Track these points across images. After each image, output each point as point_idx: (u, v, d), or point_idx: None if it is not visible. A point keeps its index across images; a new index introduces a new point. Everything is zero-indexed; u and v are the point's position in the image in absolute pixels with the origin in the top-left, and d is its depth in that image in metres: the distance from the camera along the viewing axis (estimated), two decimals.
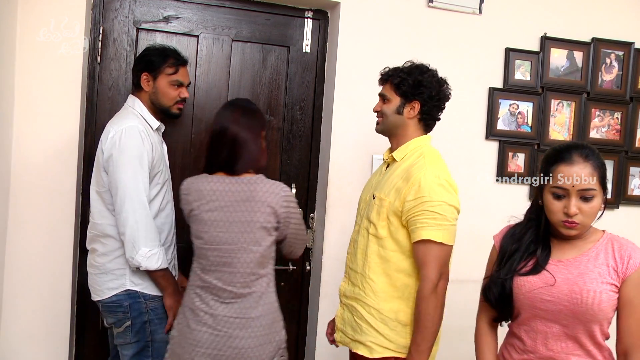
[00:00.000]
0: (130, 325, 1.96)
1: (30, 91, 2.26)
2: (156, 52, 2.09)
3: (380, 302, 1.80)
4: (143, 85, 2.07)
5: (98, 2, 2.39)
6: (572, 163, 1.46)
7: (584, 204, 1.44)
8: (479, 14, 2.68)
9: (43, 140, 2.28)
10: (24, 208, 2.27)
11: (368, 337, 1.81)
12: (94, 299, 2.05)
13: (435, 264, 1.71)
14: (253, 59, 2.58)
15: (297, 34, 2.61)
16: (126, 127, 1.93)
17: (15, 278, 2.28)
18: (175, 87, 2.09)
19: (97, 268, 2.02)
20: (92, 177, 2.05)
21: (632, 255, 1.44)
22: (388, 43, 2.58)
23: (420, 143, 1.88)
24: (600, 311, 1.42)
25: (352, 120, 2.54)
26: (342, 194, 2.53)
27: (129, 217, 1.88)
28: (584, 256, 1.49)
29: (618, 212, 2.90)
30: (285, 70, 2.62)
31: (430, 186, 1.72)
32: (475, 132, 2.71)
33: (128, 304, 1.96)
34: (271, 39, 2.59)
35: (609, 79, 2.86)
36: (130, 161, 1.90)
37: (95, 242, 2.04)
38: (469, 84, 2.69)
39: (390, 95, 1.88)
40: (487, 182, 2.73)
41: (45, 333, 2.33)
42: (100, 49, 2.40)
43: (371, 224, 1.84)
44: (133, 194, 1.89)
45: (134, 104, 2.08)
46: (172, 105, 2.10)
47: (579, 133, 2.83)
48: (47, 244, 2.30)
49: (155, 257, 1.91)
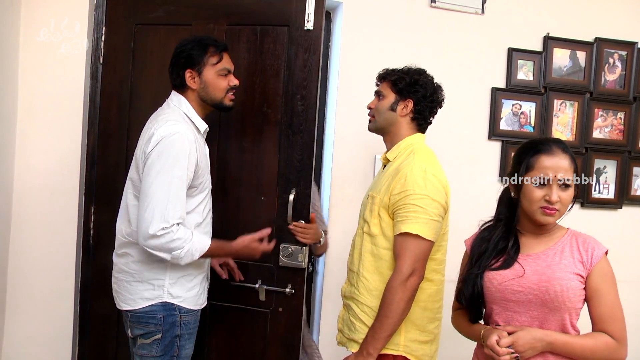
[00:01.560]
0: (160, 338, 1.83)
1: (33, 92, 2.26)
2: (193, 44, 1.90)
3: (374, 300, 1.81)
4: (189, 84, 1.88)
5: (100, 3, 2.39)
6: (553, 154, 1.53)
7: (562, 193, 1.51)
8: (481, 13, 2.67)
9: (46, 140, 2.28)
10: (27, 209, 2.28)
11: (360, 334, 1.82)
12: (122, 307, 1.89)
13: (409, 257, 1.72)
14: (249, 43, 2.26)
15: (297, 10, 2.21)
16: (177, 132, 1.76)
17: (19, 279, 2.29)
18: (224, 76, 1.92)
19: (131, 275, 1.85)
20: (129, 179, 1.89)
21: (595, 248, 1.52)
22: (390, 43, 2.58)
23: (412, 141, 1.90)
24: (569, 298, 1.48)
25: (355, 121, 2.54)
26: (345, 194, 2.53)
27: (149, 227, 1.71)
28: (550, 250, 1.56)
29: (621, 212, 2.89)
30: (284, 53, 2.22)
31: (415, 180, 1.74)
32: (477, 133, 2.71)
33: (162, 316, 1.82)
34: (269, 18, 2.24)
35: (612, 79, 2.85)
36: (171, 171, 1.73)
37: (129, 247, 1.86)
38: (472, 84, 2.69)
39: (385, 92, 1.92)
40: (489, 182, 2.73)
41: (48, 334, 2.33)
42: (102, 49, 2.40)
43: (365, 222, 1.87)
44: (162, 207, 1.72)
45: (180, 103, 1.90)
46: (224, 96, 1.93)
47: (582, 133, 2.82)
48: (50, 244, 2.31)
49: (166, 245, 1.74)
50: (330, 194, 2.54)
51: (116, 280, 1.92)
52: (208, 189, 1.95)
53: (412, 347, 1.80)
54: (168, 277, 1.83)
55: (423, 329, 1.82)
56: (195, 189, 1.86)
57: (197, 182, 1.86)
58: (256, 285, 2.19)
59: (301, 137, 2.20)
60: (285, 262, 2.16)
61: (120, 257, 1.90)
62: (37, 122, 2.27)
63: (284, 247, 2.15)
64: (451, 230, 1.96)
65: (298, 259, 2.15)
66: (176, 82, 1.91)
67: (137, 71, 2.39)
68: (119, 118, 2.41)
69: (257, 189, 2.24)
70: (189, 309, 1.87)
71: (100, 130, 2.41)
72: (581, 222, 1.66)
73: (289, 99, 2.20)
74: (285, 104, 2.21)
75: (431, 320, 1.85)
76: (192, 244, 1.77)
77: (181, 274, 1.84)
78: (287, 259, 2.16)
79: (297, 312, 2.22)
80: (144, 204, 1.73)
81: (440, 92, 1.94)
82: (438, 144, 2.59)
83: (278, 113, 2.22)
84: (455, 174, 2.62)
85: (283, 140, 2.20)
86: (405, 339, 1.79)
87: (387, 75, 1.94)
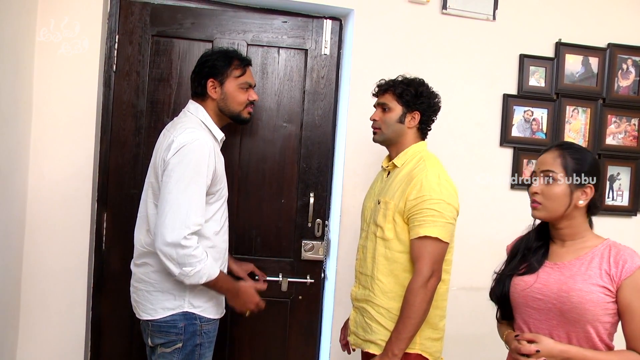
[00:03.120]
0: (180, 347, 1.85)
1: (46, 100, 2.28)
2: (219, 55, 1.96)
3: (389, 302, 1.88)
4: (210, 93, 1.93)
5: (114, 11, 2.42)
6: (548, 151, 1.58)
7: (545, 187, 1.53)
8: (492, 20, 2.67)
9: (59, 148, 2.30)
10: (41, 216, 2.30)
11: (378, 335, 1.89)
12: (142, 317, 1.91)
13: (428, 260, 1.79)
14: (270, 63, 2.53)
15: (315, 36, 2.54)
16: (196, 139, 1.78)
17: (32, 285, 2.30)
18: (245, 90, 1.97)
19: (152, 285, 1.87)
20: (148, 187, 1.92)
21: (627, 260, 1.46)
22: (401, 50, 2.58)
23: (418, 149, 1.98)
24: (587, 311, 1.44)
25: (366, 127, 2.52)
26: (356, 200, 2.52)
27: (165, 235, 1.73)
28: (578, 260, 1.52)
29: (636, 220, 2.86)
30: (303, 73, 2.55)
31: (430, 185, 1.81)
32: (489, 139, 2.70)
33: (183, 325, 1.85)
34: (288, 42, 2.53)
35: (626, 85, 2.83)
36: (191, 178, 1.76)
37: (149, 256, 1.87)
38: (483, 90, 2.68)
39: (392, 105, 1.96)
40: (501, 189, 2.71)
41: (61, 340, 2.34)
42: (115, 57, 2.42)
43: (378, 227, 1.92)
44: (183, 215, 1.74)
45: (197, 111, 1.94)
46: (242, 109, 1.98)
47: (595, 139, 2.80)
48: (63, 251, 2.32)
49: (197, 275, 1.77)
50: (341, 200, 2.54)
51: (135, 290, 1.93)
52: (225, 197, 1.97)
53: (427, 344, 1.88)
54: (189, 287, 1.83)
55: (435, 327, 1.91)
56: (213, 196, 1.88)
57: (215, 189, 1.88)
58: (279, 278, 2.52)
59: (319, 148, 2.59)
60: (306, 256, 2.58)
61: (139, 267, 1.92)
62: (50, 130, 2.29)
63: (305, 243, 2.57)
64: (463, 235, 1.98)
65: (319, 252, 2.59)
66: (197, 90, 1.96)
67: (153, 81, 2.45)
68: (132, 126, 2.45)
69: (277, 192, 2.57)
70: (209, 318, 1.90)
71: (112, 138, 2.44)
72: (595, 229, 1.63)
73: (308, 115, 2.56)
74: (304, 119, 2.56)
75: (441, 318, 1.94)
76: (204, 266, 1.78)
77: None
78: (308, 252, 2.58)
79: (316, 299, 2.61)
80: (164, 210, 1.74)
81: (438, 99, 2.02)
82: (449, 151, 2.59)
83: (297, 127, 2.55)
84: (467, 180, 2.62)
85: (302, 150, 2.56)
86: (421, 337, 1.87)
87: (390, 87, 1.99)
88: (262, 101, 2.52)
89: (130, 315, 2.09)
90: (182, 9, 2.46)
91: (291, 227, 2.59)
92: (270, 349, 2.60)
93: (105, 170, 2.44)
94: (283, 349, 2.60)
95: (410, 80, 1.99)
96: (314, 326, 2.63)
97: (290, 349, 2.61)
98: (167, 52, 2.46)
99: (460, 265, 1.96)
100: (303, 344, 2.60)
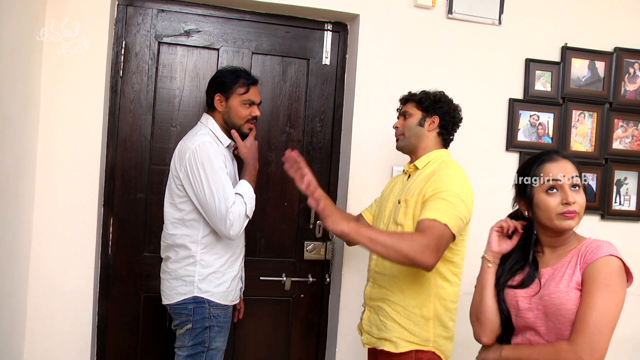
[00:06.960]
0: (190, 328, 2.06)
1: (54, 104, 2.30)
2: (228, 73, 2.17)
3: (407, 299, 1.90)
4: (217, 106, 2.16)
5: (121, 17, 2.44)
6: (556, 160, 1.54)
7: (576, 195, 1.50)
8: (498, 24, 2.67)
9: (66, 152, 2.31)
10: (47, 219, 2.31)
11: (393, 333, 1.90)
12: (164, 302, 2.16)
13: (434, 235, 1.71)
14: (273, 71, 2.61)
15: (316, 47, 2.64)
16: (200, 143, 2.04)
17: (39, 289, 2.31)
18: (247, 106, 2.16)
19: (169, 274, 2.12)
20: (166, 190, 2.15)
21: (594, 252, 1.45)
22: (407, 55, 2.58)
23: (440, 154, 2.02)
24: (568, 310, 1.43)
25: (372, 132, 2.54)
26: (363, 205, 2.51)
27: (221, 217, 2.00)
28: (559, 263, 1.52)
29: None
30: (305, 82, 2.64)
31: (449, 180, 1.84)
32: (495, 144, 2.69)
33: (192, 307, 2.07)
34: (291, 51, 2.62)
35: (633, 89, 2.82)
36: (213, 173, 2.00)
37: (169, 250, 2.14)
38: (489, 95, 2.67)
39: (412, 111, 2.04)
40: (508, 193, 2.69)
41: (67, 342, 2.35)
42: (122, 62, 2.44)
43: (399, 225, 1.93)
44: (224, 202, 1.99)
45: (207, 121, 2.17)
46: (243, 124, 2.17)
47: (602, 144, 2.79)
48: (70, 255, 2.33)
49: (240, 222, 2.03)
50: (348, 205, 2.54)
51: (161, 280, 2.19)
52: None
53: (439, 342, 1.90)
54: (197, 274, 2.07)
55: (445, 325, 1.92)
56: None
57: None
58: (282, 278, 2.60)
59: (320, 154, 2.68)
60: (308, 256, 2.65)
61: (164, 260, 2.19)
62: (57, 134, 2.30)
63: (307, 244, 2.65)
64: (468, 240, 1.97)
65: (320, 253, 2.66)
66: (208, 103, 2.20)
67: (159, 87, 2.49)
68: (138, 131, 2.46)
69: (281, 195, 2.64)
70: (218, 303, 2.09)
71: (119, 142, 2.45)
72: (601, 234, 1.62)
73: (309, 121, 2.66)
74: (306, 125, 2.66)
75: (451, 319, 1.94)
76: (246, 201, 2.07)
77: (210, 271, 2.08)
78: (310, 252, 2.65)
79: (317, 296, 2.69)
80: (211, 207, 1.99)
81: (459, 110, 2.08)
82: (456, 155, 2.57)
83: (300, 132, 2.66)
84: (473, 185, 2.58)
85: (304, 156, 2.47)
86: (434, 335, 1.89)
87: (411, 97, 2.08)
88: (267, 107, 2.57)
89: (136, 318, 2.15)
90: (188, 17, 2.52)
91: (293, 228, 2.67)
92: (274, 345, 2.67)
93: (112, 174, 2.46)
94: (286, 344, 2.68)
95: (430, 91, 2.06)
96: (315, 322, 2.70)
97: (293, 343, 2.68)
98: (172, 59, 2.52)
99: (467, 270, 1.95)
100: (305, 339, 2.70)
